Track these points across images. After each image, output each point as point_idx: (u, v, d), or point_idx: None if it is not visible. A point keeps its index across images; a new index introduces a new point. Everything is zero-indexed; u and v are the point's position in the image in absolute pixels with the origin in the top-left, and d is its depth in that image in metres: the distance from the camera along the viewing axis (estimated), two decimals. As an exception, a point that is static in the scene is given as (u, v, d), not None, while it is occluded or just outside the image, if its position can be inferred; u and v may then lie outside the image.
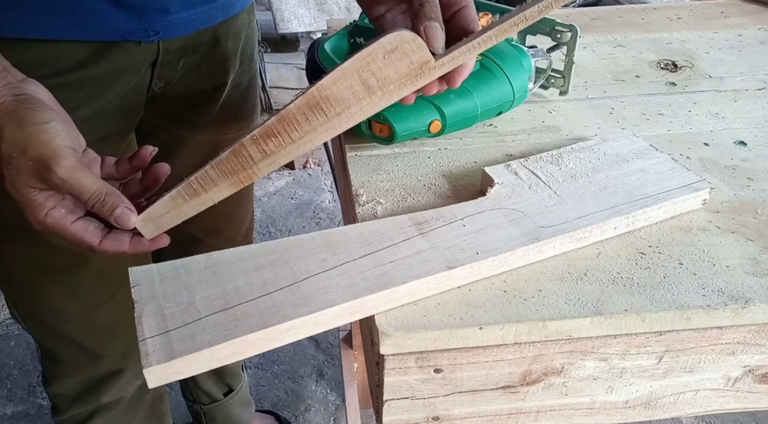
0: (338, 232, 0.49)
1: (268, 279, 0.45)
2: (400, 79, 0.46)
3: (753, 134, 0.65)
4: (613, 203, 0.52)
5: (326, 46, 0.66)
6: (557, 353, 0.48)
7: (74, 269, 0.73)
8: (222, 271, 0.46)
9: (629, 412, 0.54)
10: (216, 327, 0.42)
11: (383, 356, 0.45)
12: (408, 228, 0.49)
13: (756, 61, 0.78)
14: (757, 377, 0.53)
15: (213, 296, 0.44)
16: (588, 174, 0.55)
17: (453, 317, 0.44)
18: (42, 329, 0.79)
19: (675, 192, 0.53)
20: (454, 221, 0.50)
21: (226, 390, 1.18)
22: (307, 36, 2.53)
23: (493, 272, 0.48)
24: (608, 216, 0.50)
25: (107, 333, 0.81)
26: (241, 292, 0.44)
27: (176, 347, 0.40)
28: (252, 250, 0.48)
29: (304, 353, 1.53)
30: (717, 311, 0.46)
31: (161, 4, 0.62)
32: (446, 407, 0.50)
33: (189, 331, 0.42)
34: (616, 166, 0.56)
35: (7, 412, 1.40)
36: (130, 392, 0.88)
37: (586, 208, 0.51)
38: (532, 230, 0.49)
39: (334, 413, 1.41)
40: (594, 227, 0.50)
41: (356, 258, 0.46)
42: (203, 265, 0.47)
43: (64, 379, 0.84)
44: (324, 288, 0.44)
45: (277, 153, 0.47)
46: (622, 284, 0.47)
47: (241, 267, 0.46)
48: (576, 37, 0.65)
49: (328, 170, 2.12)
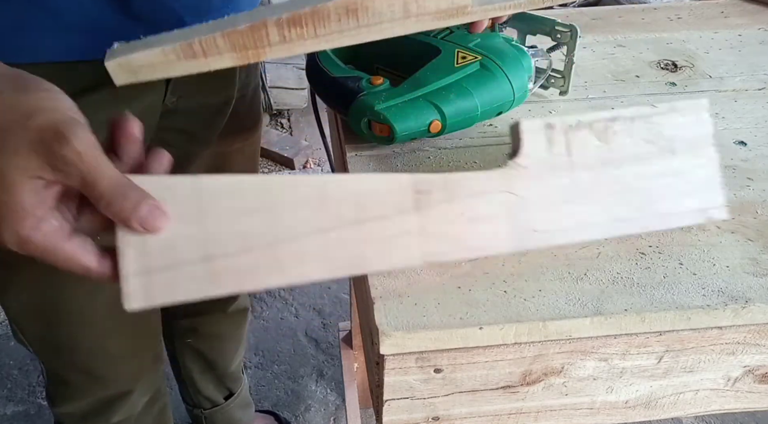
0: (335, 182, 0.45)
1: (251, 231, 0.42)
2: (437, 13, 0.48)
3: (753, 134, 0.65)
4: (620, 216, 0.48)
5: (326, 46, 0.66)
6: (557, 353, 0.48)
7: (87, 302, 0.71)
8: (207, 207, 0.42)
9: (629, 412, 0.54)
10: (194, 279, 0.41)
11: (383, 356, 0.45)
12: (406, 196, 0.45)
13: (756, 61, 0.78)
14: (757, 377, 0.53)
15: (194, 237, 0.41)
16: (621, 164, 0.49)
17: (453, 317, 0.44)
18: (49, 355, 0.78)
19: (686, 216, 0.50)
20: (454, 200, 0.46)
21: (227, 394, 1.17)
22: (307, 36, 2.53)
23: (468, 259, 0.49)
24: (606, 232, 0.48)
25: (116, 359, 0.79)
26: (223, 240, 0.42)
27: (156, 292, 0.40)
28: (242, 185, 0.43)
29: (304, 353, 1.53)
30: (717, 311, 0.46)
31: (177, 16, 0.60)
32: (446, 407, 0.50)
33: (168, 277, 0.41)
34: (655, 159, 0.49)
35: (7, 412, 1.40)
36: (139, 408, 0.87)
37: (590, 217, 0.48)
38: (523, 233, 0.47)
39: (334, 413, 1.41)
40: (585, 241, 0.49)
41: (342, 226, 0.44)
42: (189, 193, 0.42)
43: (72, 400, 0.83)
44: (302, 257, 0.43)
45: (296, 42, 0.46)
46: (622, 284, 0.47)
47: (227, 206, 0.42)
48: (576, 37, 0.65)
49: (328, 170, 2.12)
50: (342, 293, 1.67)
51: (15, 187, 0.36)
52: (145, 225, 0.39)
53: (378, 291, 0.46)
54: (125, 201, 0.37)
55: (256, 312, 1.62)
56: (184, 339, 1.08)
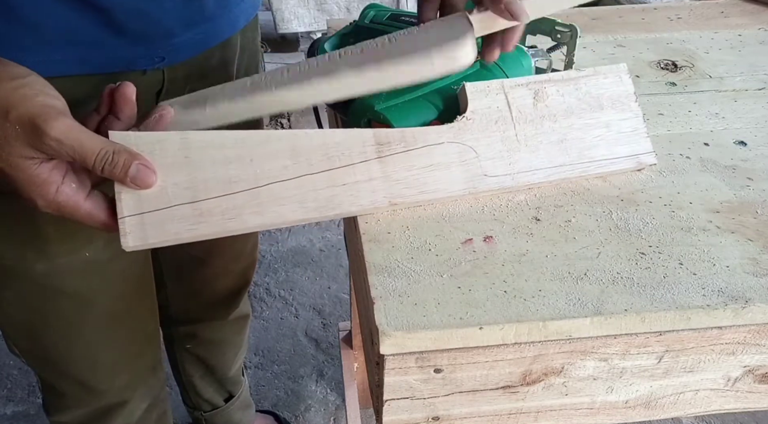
0: (305, 135, 0.51)
1: (232, 177, 0.48)
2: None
3: (753, 134, 0.65)
4: (561, 162, 0.55)
5: (326, 46, 0.66)
6: (557, 353, 0.48)
7: (78, 314, 0.71)
8: (194, 157, 0.48)
9: (629, 412, 0.54)
10: (182, 219, 0.47)
11: (383, 356, 0.45)
12: (369, 147, 0.51)
13: (756, 61, 0.78)
14: (757, 377, 0.53)
15: (183, 184, 0.47)
16: (556, 118, 0.56)
17: (453, 317, 0.44)
18: (43, 366, 0.78)
19: (620, 161, 0.56)
20: (412, 150, 0.52)
21: (227, 396, 1.17)
22: (307, 36, 2.53)
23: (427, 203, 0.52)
24: (549, 175, 0.54)
25: (110, 370, 0.79)
26: (209, 185, 0.48)
27: (149, 232, 0.46)
28: (223, 138, 0.49)
29: (304, 353, 1.53)
30: (717, 311, 0.46)
31: (164, 28, 0.58)
32: (446, 407, 0.50)
33: (159, 218, 0.46)
34: (586, 114, 0.57)
35: (7, 412, 1.40)
36: (137, 415, 0.86)
37: (535, 162, 0.54)
38: (475, 177, 0.53)
39: (334, 413, 1.41)
40: (531, 182, 0.54)
41: (314, 172, 0.50)
42: (178, 146, 0.48)
43: (68, 410, 0.82)
44: (279, 199, 0.49)
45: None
46: (622, 284, 0.47)
47: (210, 156, 0.48)
48: (576, 37, 0.65)
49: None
50: (342, 293, 1.67)
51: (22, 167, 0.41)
52: (136, 182, 0.44)
53: (378, 291, 0.46)
54: (115, 167, 0.43)
55: (256, 312, 1.62)
56: (184, 345, 1.08)
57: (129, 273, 0.74)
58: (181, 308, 1.02)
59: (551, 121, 0.56)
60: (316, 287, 1.69)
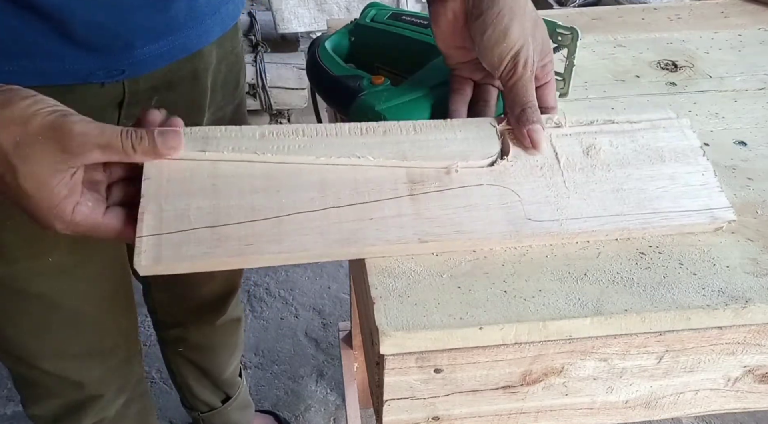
0: (336, 169, 0.50)
1: (257, 205, 0.47)
2: None
3: (753, 134, 0.65)
4: (618, 211, 0.50)
5: (327, 44, 0.66)
6: (557, 353, 0.48)
7: (44, 314, 0.71)
8: (221, 185, 0.48)
9: (629, 412, 0.54)
10: (200, 243, 0.45)
11: (383, 356, 0.45)
12: (402, 184, 0.49)
13: (756, 61, 0.78)
14: (757, 377, 0.53)
15: (206, 209, 0.47)
16: (610, 167, 0.52)
17: (453, 317, 0.44)
18: (14, 360, 0.78)
19: (689, 215, 0.50)
20: (448, 189, 0.50)
21: (224, 397, 1.17)
22: (307, 36, 2.53)
23: (464, 248, 0.49)
24: (603, 224, 0.49)
25: (81, 364, 0.79)
26: (231, 212, 0.47)
27: (164, 253, 0.45)
28: (254, 169, 0.49)
29: (304, 353, 1.53)
30: (717, 311, 0.46)
31: (125, 40, 0.57)
32: (446, 407, 0.50)
33: (177, 239, 0.45)
34: (645, 166, 0.52)
35: (7, 412, 1.40)
36: (113, 411, 0.87)
37: (586, 210, 0.49)
38: (518, 221, 0.49)
39: (334, 413, 1.41)
40: (582, 233, 0.49)
41: (341, 206, 0.48)
42: (207, 174, 0.48)
43: (43, 400, 0.83)
44: (301, 229, 0.47)
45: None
46: (622, 284, 0.47)
47: (238, 186, 0.48)
48: (577, 39, 0.65)
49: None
50: (342, 293, 1.67)
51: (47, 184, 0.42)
52: (167, 143, 0.45)
53: (378, 291, 0.46)
54: (141, 139, 0.44)
55: (256, 312, 1.62)
56: (176, 348, 1.07)
57: (102, 277, 0.75)
58: (167, 313, 1.02)
59: (604, 170, 0.52)
60: (316, 287, 1.69)
